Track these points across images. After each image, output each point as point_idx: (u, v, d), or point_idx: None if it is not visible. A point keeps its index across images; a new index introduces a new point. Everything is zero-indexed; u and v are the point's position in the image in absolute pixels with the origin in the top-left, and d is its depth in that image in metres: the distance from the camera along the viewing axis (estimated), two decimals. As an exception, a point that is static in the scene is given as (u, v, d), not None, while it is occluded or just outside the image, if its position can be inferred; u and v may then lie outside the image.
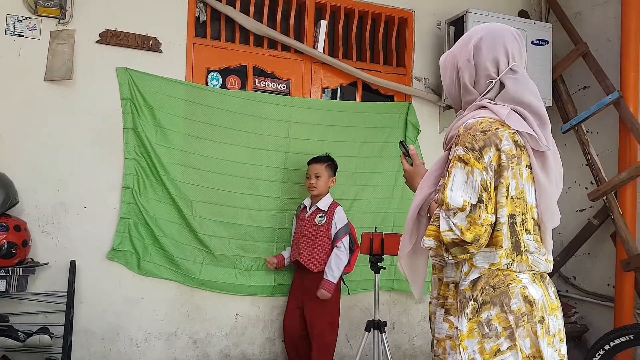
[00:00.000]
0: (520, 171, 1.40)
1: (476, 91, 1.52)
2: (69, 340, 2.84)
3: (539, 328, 1.35)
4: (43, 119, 3.00)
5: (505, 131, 1.40)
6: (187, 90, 3.23)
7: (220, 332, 3.34)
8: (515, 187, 1.39)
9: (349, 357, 3.60)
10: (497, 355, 1.34)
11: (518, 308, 1.36)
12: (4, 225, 2.71)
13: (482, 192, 1.35)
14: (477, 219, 1.34)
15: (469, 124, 1.43)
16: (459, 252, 1.37)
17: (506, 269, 1.40)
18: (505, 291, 1.37)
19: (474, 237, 1.34)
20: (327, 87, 3.69)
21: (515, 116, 1.42)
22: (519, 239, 1.40)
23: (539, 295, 1.39)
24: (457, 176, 1.38)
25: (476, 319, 1.37)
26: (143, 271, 3.15)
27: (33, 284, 2.92)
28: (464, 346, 1.37)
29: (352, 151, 3.60)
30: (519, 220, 1.40)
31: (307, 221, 3.21)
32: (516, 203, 1.39)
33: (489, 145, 1.37)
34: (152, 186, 3.16)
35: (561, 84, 3.86)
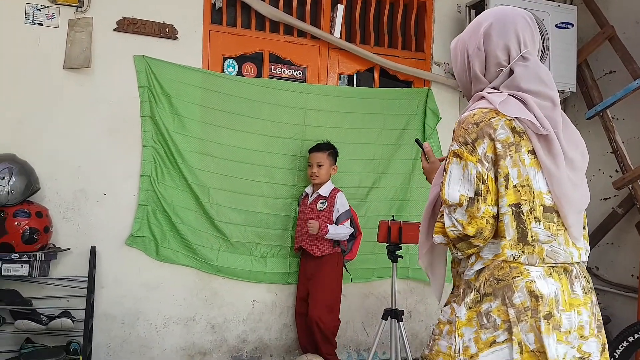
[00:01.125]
0: (521, 158, 1.35)
1: (486, 80, 1.47)
2: (90, 324, 2.91)
3: (543, 324, 1.30)
4: (62, 107, 3.04)
5: (501, 119, 1.36)
6: (203, 78, 3.23)
7: (238, 317, 3.38)
8: (518, 175, 1.35)
9: (365, 344, 3.61)
10: (492, 347, 1.33)
11: (521, 302, 1.32)
12: (26, 212, 2.77)
13: (479, 185, 1.34)
14: (477, 212, 1.33)
15: (462, 117, 1.42)
16: (465, 246, 1.37)
17: (513, 261, 1.35)
18: (509, 284, 1.34)
19: (476, 231, 1.33)
20: (344, 73, 3.65)
21: (512, 102, 1.38)
22: (526, 228, 1.34)
23: (551, 290, 1.34)
24: (453, 171, 1.37)
25: (476, 309, 1.36)
26: (161, 257, 3.19)
27: (55, 269, 2.99)
28: (461, 333, 1.37)
29: (369, 138, 3.56)
30: (526, 209, 1.34)
31: (309, 208, 3.22)
32: (521, 191, 1.35)
33: (481, 137, 1.35)
34: (169, 174, 3.19)
35: (586, 68, 3.74)
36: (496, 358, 1.32)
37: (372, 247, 3.47)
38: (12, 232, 2.71)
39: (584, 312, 1.36)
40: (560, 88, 3.56)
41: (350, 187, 3.50)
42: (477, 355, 1.34)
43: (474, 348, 1.34)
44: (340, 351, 3.57)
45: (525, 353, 1.31)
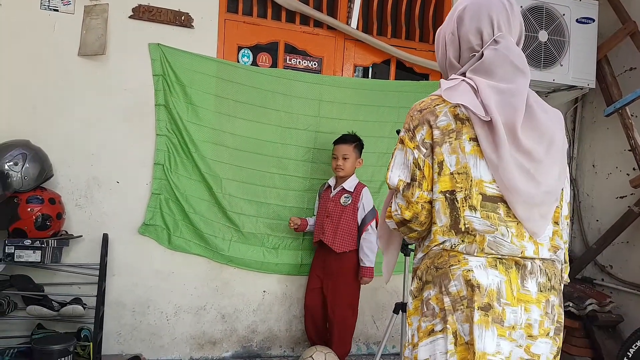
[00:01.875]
0: (461, 145, 1.33)
1: (460, 65, 1.44)
2: (101, 311, 2.91)
3: (477, 314, 1.25)
4: (77, 94, 3.03)
5: (445, 106, 1.36)
6: (218, 67, 3.20)
7: (248, 308, 3.38)
8: (456, 162, 1.33)
9: (375, 337, 3.60)
10: (430, 336, 1.33)
11: (457, 291, 1.29)
12: (39, 198, 2.77)
13: (415, 171, 1.37)
14: (411, 197, 1.37)
15: (413, 105, 1.44)
16: (406, 230, 1.42)
17: (452, 250, 1.33)
18: (446, 272, 1.33)
19: (412, 215, 1.37)
20: (360, 65, 3.60)
21: (461, 88, 1.35)
22: (459, 216, 1.32)
23: (492, 281, 1.28)
24: (396, 157, 1.41)
25: (420, 297, 1.39)
26: (173, 246, 3.19)
27: (67, 255, 3.00)
28: (410, 322, 1.40)
29: (383, 132, 3.52)
30: (460, 197, 1.32)
31: (332, 201, 3.15)
32: (457, 179, 1.33)
33: (422, 124, 1.37)
34: (182, 163, 3.17)
35: (606, 64, 3.67)
36: (433, 348, 1.31)
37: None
38: (25, 218, 2.72)
39: (535, 310, 1.30)
40: (579, 84, 3.50)
41: (362, 180, 3.45)
42: (417, 344, 1.34)
43: (417, 337, 1.36)
44: (349, 344, 3.57)
45: (459, 345, 1.27)
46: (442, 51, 1.49)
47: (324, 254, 3.18)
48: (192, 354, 3.27)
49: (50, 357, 2.63)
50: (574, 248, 3.97)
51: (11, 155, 2.72)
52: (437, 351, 1.29)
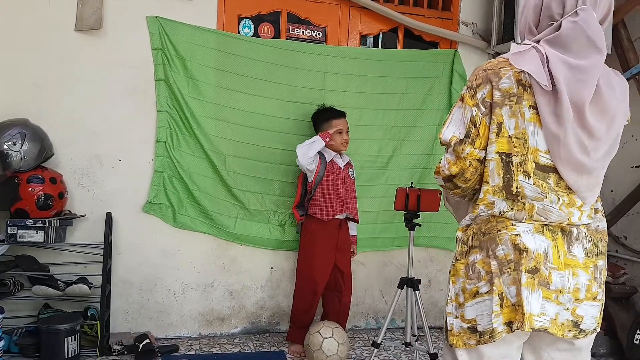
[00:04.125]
0: (521, 111, 1.33)
1: (537, 32, 1.41)
2: (107, 290, 2.90)
3: (524, 277, 1.30)
4: (75, 70, 2.96)
5: (510, 70, 1.34)
6: (218, 39, 3.10)
7: (256, 284, 3.35)
8: (515, 126, 1.34)
9: (383, 312, 3.58)
10: (475, 297, 1.37)
11: (505, 254, 1.34)
12: (39, 178, 2.73)
13: (470, 128, 1.37)
14: (461, 153, 1.37)
15: (480, 64, 1.43)
16: (451, 186, 1.44)
17: (500, 216, 1.37)
18: (493, 237, 1.36)
19: (458, 171, 1.39)
20: (366, 34, 3.47)
21: (530, 54, 1.33)
22: (512, 179, 1.34)
23: (539, 245, 1.32)
24: (455, 114, 1.41)
25: (464, 261, 1.42)
26: (179, 224, 3.15)
27: (71, 235, 2.97)
28: (454, 281, 1.44)
29: (391, 104, 3.42)
30: (517, 161, 1.34)
31: (345, 174, 3.09)
32: (515, 142, 1.34)
33: (485, 82, 1.36)
34: (185, 140, 3.11)
35: (622, 29, 3.51)
36: (479, 309, 1.36)
37: (393, 216, 3.39)
38: (26, 198, 2.69)
39: (582, 274, 1.34)
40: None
41: (370, 154, 3.38)
42: (463, 304, 1.39)
43: (462, 297, 1.40)
44: (358, 319, 3.56)
45: (505, 307, 1.32)
46: (524, 15, 1.47)
47: (335, 229, 3.07)
48: (201, 330, 3.27)
49: (57, 336, 2.64)
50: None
51: (10, 135, 2.67)
52: (484, 312, 1.34)
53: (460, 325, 1.39)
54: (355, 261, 3.41)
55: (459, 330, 1.39)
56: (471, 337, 1.36)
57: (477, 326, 1.35)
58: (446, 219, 3.39)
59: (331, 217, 3.02)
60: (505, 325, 1.32)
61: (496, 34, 3.44)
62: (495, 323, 1.32)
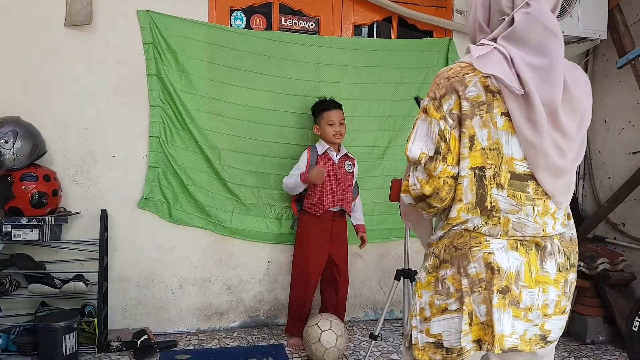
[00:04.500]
0: (492, 119, 1.25)
1: (489, 30, 1.34)
2: (104, 287, 2.90)
3: (496, 298, 1.25)
4: (66, 67, 2.93)
5: (476, 76, 1.26)
6: (209, 32, 3.07)
7: (254, 278, 3.35)
8: (488, 136, 1.25)
9: (382, 303, 3.57)
10: (443, 314, 1.32)
11: (476, 273, 1.28)
12: (33, 175, 2.71)
13: (440, 143, 1.27)
14: (434, 171, 1.28)
15: (440, 71, 1.33)
16: (425, 206, 1.34)
17: (474, 231, 1.29)
18: (465, 253, 1.30)
19: (432, 191, 1.28)
20: (360, 23, 3.44)
21: (493, 57, 1.25)
22: (485, 194, 1.27)
23: (512, 264, 1.27)
24: (419, 128, 1.31)
25: (434, 274, 1.36)
26: (174, 219, 3.14)
27: (67, 232, 2.96)
28: (420, 294, 1.38)
29: (386, 94, 3.40)
30: (489, 174, 1.27)
31: (340, 168, 3.06)
32: (488, 155, 1.26)
33: (449, 93, 1.27)
34: (178, 134, 3.08)
35: (618, 13, 3.48)
36: (446, 325, 1.30)
37: (389, 207, 3.38)
38: (20, 196, 2.67)
39: (552, 290, 1.30)
40: (590, 35, 3.33)
41: (365, 145, 3.36)
42: (430, 319, 1.34)
43: (428, 311, 1.35)
44: (357, 310, 3.56)
45: (475, 325, 1.28)
46: (472, 13, 1.40)
47: (330, 222, 3.07)
48: (200, 325, 3.27)
49: (55, 334, 2.63)
50: (585, 207, 3.88)
51: (1, 133, 2.65)
52: (452, 329, 1.29)
53: (425, 340, 1.34)
54: (353, 253, 3.40)
55: (424, 344, 1.34)
56: (437, 352, 1.32)
57: (442, 342, 1.31)
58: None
59: (322, 211, 3.02)
60: (474, 343, 1.29)
61: (490, 21, 3.40)
62: (464, 342, 1.28)
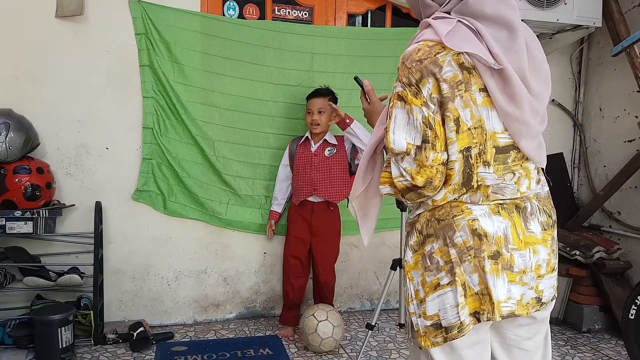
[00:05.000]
0: (472, 97, 1.20)
1: (435, 3, 1.29)
2: (99, 279, 2.89)
3: (488, 264, 1.21)
4: (58, 59, 2.91)
5: (447, 55, 1.19)
6: (202, 22, 3.05)
7: (250, 269, 3.34)
8: (471, 116, 1.20)
9: (378, 293, 3.58)
10: (436, 290, 1.25)
11: (464, 241, 1.22)
12: (26, 168, 2.70)
13: (426, 131, 1.20)
14: (425, 161, 1.20)
15: (406, 53, 1.24)
16: (415, 197, 1.26)
17: (454, 200, 1.25)
18: (449, 224, 1.24)
19: (425, 181, 1.21)
20: (354, 12, 3.42)
21: (461, 31, 1.20)
22: (472, 173, 1.23)
23: (499, 228, 1.23)
24: (398, 117, 1.23)
25: (421, 251, 1.29)
26: (169, 211, 3.13)
27: (62, 225, 2.95)
28: (410, 277, 1.31)
29: (381, 84, 3.35)
30: (475, 152, 1.22)
31: (316, 156, 3.02)
32: (474, 134, 1.21)
33: (426, 76, 1.19)
34: (172, 126, 3.07)
35: (613, 1, 3.46)
36: (441, 302, 1.25)
37: (385, 198, 3.36)
38: (13, 189, 2.65)
39: (542, 250, 1.28)
40: (585, 23, 3.31)
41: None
42: (424, 300, 1.28)
43: (422, 292, 1.28)
44: (353, 300, 3.56)
45: (469, 297, 1.23)
46: None
47: (308, 213, 3.05)
48: (196, 317, 3.27)
49: (51, 327, 2.62)
50: (581, 195, 3.88)
51: (-7, 126, 2.63)
52: (447, 305, 1.24)
53: (424, 324, 1.27)
54: (349, 244, 3.40)
55: (424, 329, 1.27)
56: (437, 335, 1.25)
57: (440, 322, 1.25)
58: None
59: (298, 200, 3.04)
60: (471, 317, 1.24)
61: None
62: (463, 315, 1.22)
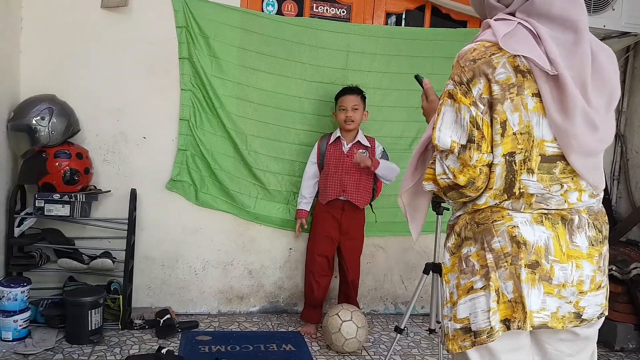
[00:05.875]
0: (523, 102, 1.18)
1: (501, 5, 1.27)
2: (130, 265, 2.96)
3: (524, 272, 1.19)
4: (101, 48, 2.99)
5: (503, 56, 1.18)
6: (241, 17, 3.08)
7: (275, 264, 3.36)
8: (519, 120, 1.19)
9: (403, 297, 3.54)
10: (469, 293, 1.25)
11: (501, 247, 1.21)
12: (66, 153, 2.78)
13: (472, 131, 1.19)
14: (469, 160, 1.20)
15: (462, 52, 1.25)
16: (456, 196, 1.26)
17: (495, 206, 1.24)
18: (489, 228, 1.23)
19: (467, 180, 1.21)
20: (392, 11, 3.39)
21: (520, 34, 1.18)
22: (515, 179, 1.21)
23: (539, 237, 1.20)
24: (445, 114, 1.23)
25: (458, 254, 1.29)
26: (200, 202, 3.18)
27: (96, 210, 3.03)
28: (447, 279, 1.32)
29: (416, 84, 3.31)
30: (519, 159, 1.20)
31: (347, 157, 3.01)
32: (519, 139, 1.19)
33: (478, 76, 1.19)
34: (207, 119, 3.12)
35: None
36: (472, 306, 1.24)
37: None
38: (53, 172, 2.75)
39: (587, 265, 1.23)
40: (633, 30, 3.19)
41: (392, 136, 3.32)
42: (456, 302, 1.27)
43: (455, 294, 1.28)
44: (377, 303, 3.54)
45: (502, 303, 1.21)
46: None
47: (339, 212, 3.04)
48: (220, 307, 3.31)
49: (82, 308, 2.70)
50: (619, 209, 3.74)
51: (38, 110, 2.73)
52: (478, 309, 1.23)
53: (454, 327, 1.27)
54: (375, 245, 3.38)
55: (453, 333, 1.27)
56: (465, 339, 1.24)
57: (470, 326, 1.23)
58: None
59: (326, 199, 3.02)
60: (501, 324, 1.22)
61: (529, 13, 3.30)
62: (493, 321, 1.21)
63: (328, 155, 3.05)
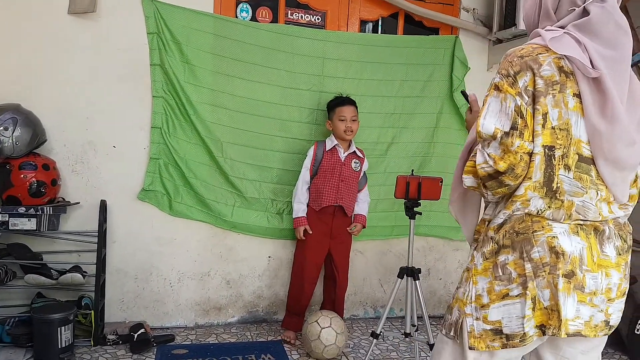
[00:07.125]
0: (564, 99, 1.27)
1: (556, 18, 1.36)
2: (101, 279, 2.86)
3: (561, 281, 1.26)
4: (68, 55, 2.89)
5: (549, 56, 1.27)
6: (215, 23, 3.03)
7: (253, 273, 3.31)
8: (558, 116, 1.27)
9: (382, 301, 3.55)
10: (504, 299, 1.31)
11: (540, 257, 1.28)
12: (32, 164, 2.67)
13: (516, 119, 1.26)
14: (511, 146, 1.26)
15: (510, 50, 1.34)
16: (495, 185, 1.31)
17: (536, 215, 1.30)
18: (528, 238, 1.29)
19: (507, 166, 1.26)
20: (366, 19, 3.40)
21: (566, 39, 1.27)
22: (553, 174, 1.28)
23: (576, 248, 1.28)
24: (491, 104, 1.30)
25: (493, 260, 1.34)
26: (174, 212, 3.10)
27: (65, 223, 2.92)
28: (475, 281, 1.36)
29: (391, 90, 3.36)
30: (559, 154, 1.27)
31: (344, 165, 3.04)
32: (558, 134, 1.27)
33: (524, 70, 1.27)
34: (181, 126, 3.05)
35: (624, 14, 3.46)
36: (507, 311, 1.31)
37: (392, 205, 3.35)
38: (18, 184, 2.63)
39: (615, 274, 1.31)
40: None
41: (368, 142, 3.33)
42: (488, 305, 1.33)
43: (486, 298, 1.33)
44: (357, 307, 3.53)
45: (538, 310, 1.28)
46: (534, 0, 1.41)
47: (329, 219, 3.05)
48: (197, 320, 3.23)
49: (51, 325, 2.58)
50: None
51: (1, 120, 2.62)
52: (513, 315, 1.29)
53: (482, 327, 1.33)
54: (354, 250, 3.37)
55: (481, 332, 1.33)
56: (495, 340, 1.32)
57: (502, 328, 1.31)
58: (445, 208, 3.34)
59: (321, 206, 3.01)
60: (536, 329, 1.29)
61: (497, 20, 3.38)
62: (527, 327, 1.28)
63: (325, 163, 3.04)
